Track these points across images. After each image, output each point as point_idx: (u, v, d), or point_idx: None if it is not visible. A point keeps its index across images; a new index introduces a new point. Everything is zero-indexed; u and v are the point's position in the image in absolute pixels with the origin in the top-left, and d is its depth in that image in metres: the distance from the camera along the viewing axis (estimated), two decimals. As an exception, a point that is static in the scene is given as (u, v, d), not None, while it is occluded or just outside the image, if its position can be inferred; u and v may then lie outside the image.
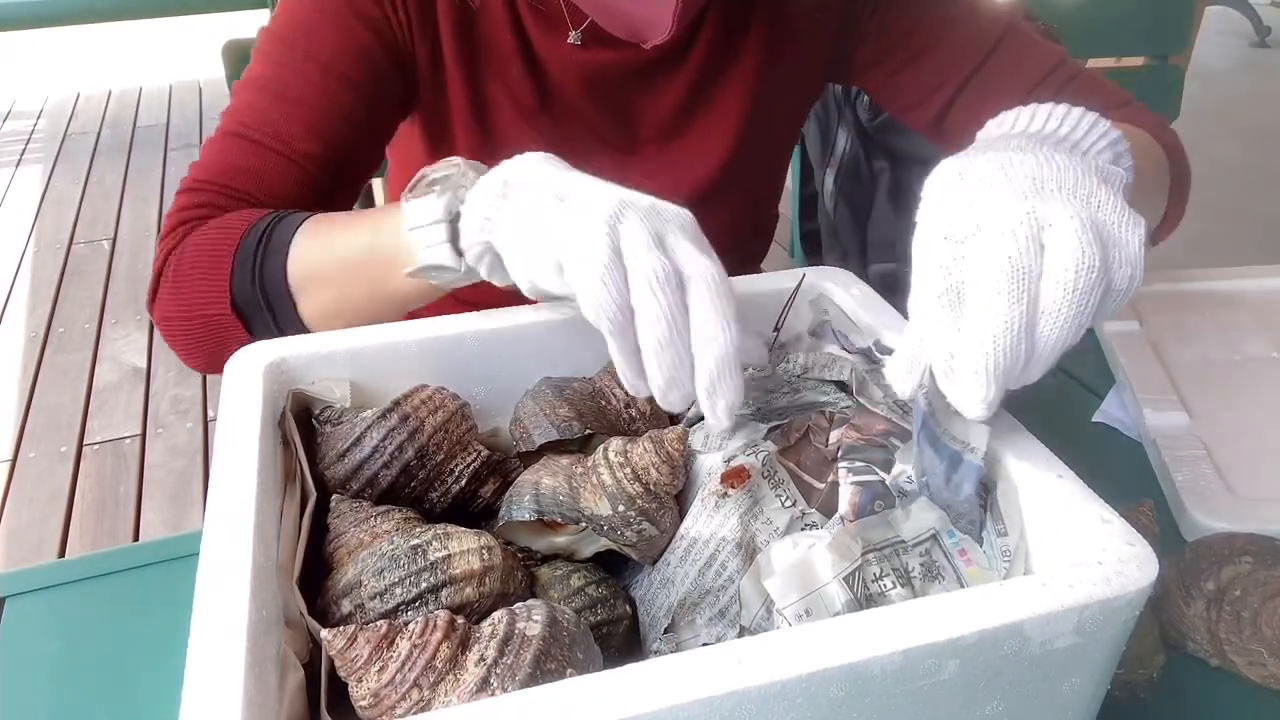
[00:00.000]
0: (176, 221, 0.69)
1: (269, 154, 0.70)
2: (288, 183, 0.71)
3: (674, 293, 0.42)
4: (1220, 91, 3.90)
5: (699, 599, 0.47)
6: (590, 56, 0.76)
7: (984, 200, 0.40)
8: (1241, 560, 0.58)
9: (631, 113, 0.80)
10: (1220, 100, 3.79)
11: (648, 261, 0.42)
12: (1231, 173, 3.21)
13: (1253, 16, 4.48)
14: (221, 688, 0.35)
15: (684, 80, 0.79)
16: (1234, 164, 3.28)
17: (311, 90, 0.71)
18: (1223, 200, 2.97)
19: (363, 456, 0.49)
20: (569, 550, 0.50)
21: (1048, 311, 0.38)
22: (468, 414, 0.52)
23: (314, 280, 0.62)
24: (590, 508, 0.47)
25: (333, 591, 0.44)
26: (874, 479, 0.48)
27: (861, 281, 0.62)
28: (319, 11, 0.72)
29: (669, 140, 0.81)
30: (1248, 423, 0.74)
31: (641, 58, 0.76)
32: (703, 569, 0.47)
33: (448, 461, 0.51)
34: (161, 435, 2.15)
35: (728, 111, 0.81)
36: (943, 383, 0.42)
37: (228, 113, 0.73)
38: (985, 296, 0.38)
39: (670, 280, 0.42)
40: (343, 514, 0.47)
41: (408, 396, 0.51)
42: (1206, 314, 0.87)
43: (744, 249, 0.92)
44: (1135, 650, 0.54)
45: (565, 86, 0.77)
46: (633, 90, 0.79)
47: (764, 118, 0.83)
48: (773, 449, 0.50)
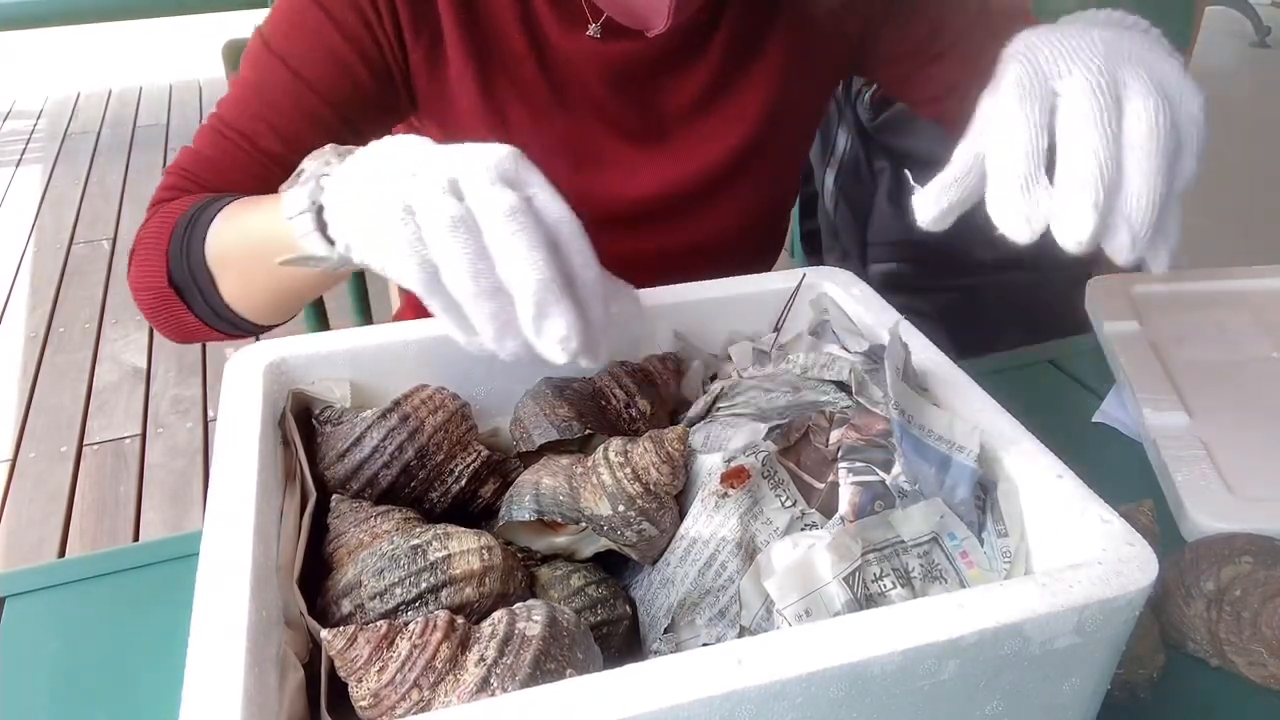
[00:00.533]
0: (152, 201, 0.73)
1: (233, 147, 0.73)
2: (247, 179, 0.72)
3: (467, 232, 0.40)
4: (1220, 91, 3.90)
5: (699, 599, 0.47)
6: (610, 48, 0.76)
7: (1068, 57, 0.42)
8: (1241, 560, 0.58)
9: (652, 101, 0.80)
10: (1220, 100, 3.78)
11: (435, 208, 0.40)
12: (1231, 173, 3.21)
13: (1253, 16, 4.48)
14: (221, 687, 0.35)
15: (707, 69, 0.79)
16: (1234, 164, 3.28)
17: (280, 94, 0.73)
18: (1223, 200, 2.97)
19: (363, 456, 0.49)
20: (569, 550, 0.50)
21: (1133, 145, 0.40)
22: (468, 414, 0.52)
23: (225, 262, 0.64)
24: (590, 508, 0.47)
25: (333, 591, 0.44)
26: (874, 479, 0.48)
27: (861, 281, 0.62)
28: (297, 16, 0.73)
29: (688, 127, 0.81)
30: (1248, 423, 0.74)
31: (663, 47, 0.76)
32: (703, 569, 0.47)
33: (448, 462, 0.51)
34: (161, 435, 2.15)
35: (749, 101, 0.81)
36: (1025, 196, 0.40)
37: (218, 104, 0.76)
38: (1079, 119, 0.40)
39: (463, 223, 0.40)
40: (343, 514, 0.47)
41: (408, 396, 0.51)
42: (1206, 314, 0.87)
43: (756, 243, 0.92)
44: (1135, 650, 0.54)
45: (585, 79, 0.77)
46: (654, 79, 0.79)
47: (785, 108, 0.83)
48: (773, 449, 0.50)
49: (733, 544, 0.47)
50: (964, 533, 0.47)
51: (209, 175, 0.73)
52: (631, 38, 0.75)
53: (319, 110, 0.73)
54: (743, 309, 0.63)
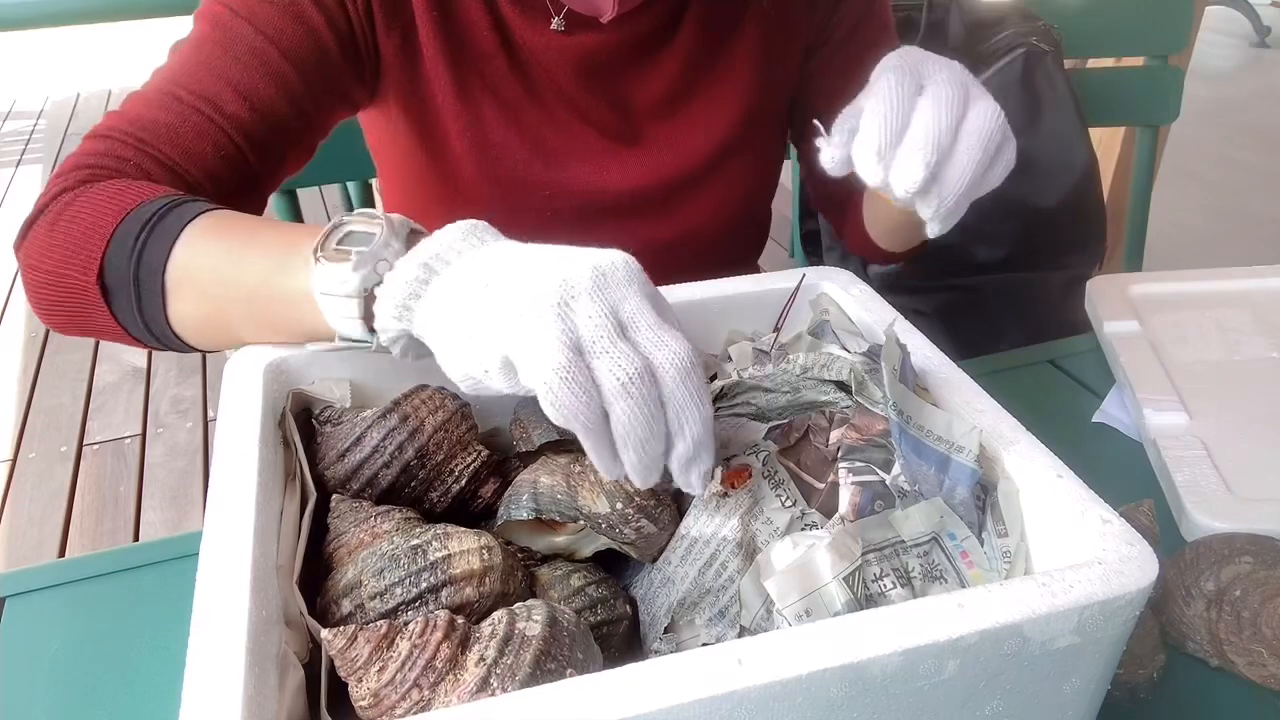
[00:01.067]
0: (74, 164, 0.63)
1: (191, 113, 0.65)
2: (205, 145, 0.65)
3: (648, 388, 0.40)
4: (1220, 91, 3.91)
5: (699, 599, 0.47)
6: (576, 42, 0.75)
7: (936, 67, 0.52)
8: (1241, 560, 0.58)
9: (624, 96, 0.80)
10: (1220, 100, 3.79)
11: (615, 360, 0.39)
12: (1232, 173, 3.21)
13: (1253, 16, 4.48)
14: (222, 687, 0.35)
15: (676, 61, 0.79)
16: (1234, 164, 3.28)
17: (249, 55, 0.67)
18: (1223, 200, 2.97)
19: (363, 456, 0.49)
20: (569, 550, 0.50)
21: (969, 132, 0.50)
22: (468, 414, 0.52)
23: (193, 286, 0.56)
24: (588, 505, 0.47)
25: (333, 591, 0.44)
26: (874, 479, 0.48)
27: (861, 281, 0.62)
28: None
29: (663, 121, 0.81)
30: (1248, 423, 0.74)
31: (629, 39, 0.76)
32: (703, 569, 0.47)
33: (448, 461, 0.51)
34: (161, 435, 2.15)
35: (724, 91, 0.81)
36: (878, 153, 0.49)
37: (158, 70, 0.68)
38: (934, 105, 0.50)
39: (642, 378, 0.40)
40: (343, 514, 0.47)
41: (408, 396, 0.51)
42: (1206, 314, 0.87)
43: (738, 237, 0.92)
44: (1135, 650, 0.54)
45: (554, 75, 0.77)
46: (624, 73, 0.79)
47: (761, 99, 0.83)
48: (773, 449, 0.50)
49: (733, 544, 0.47)
50: (964, 532, 0.47)
51: (162, 144, 0.64)
52: (595, 30, 0.75)
53: (292, 81, 0.68)
54: (743, 309, 0.63)
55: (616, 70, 0.78)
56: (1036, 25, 1.29)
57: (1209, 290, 0.91)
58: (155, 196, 0.58)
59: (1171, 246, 2.34)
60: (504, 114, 0.78)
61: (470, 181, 0.79)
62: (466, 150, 0.78)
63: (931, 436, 0.48)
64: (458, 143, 0.78)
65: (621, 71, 0.79)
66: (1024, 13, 1.30)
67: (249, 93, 0.67)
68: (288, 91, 0.69)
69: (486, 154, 0.79)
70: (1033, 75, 1.28)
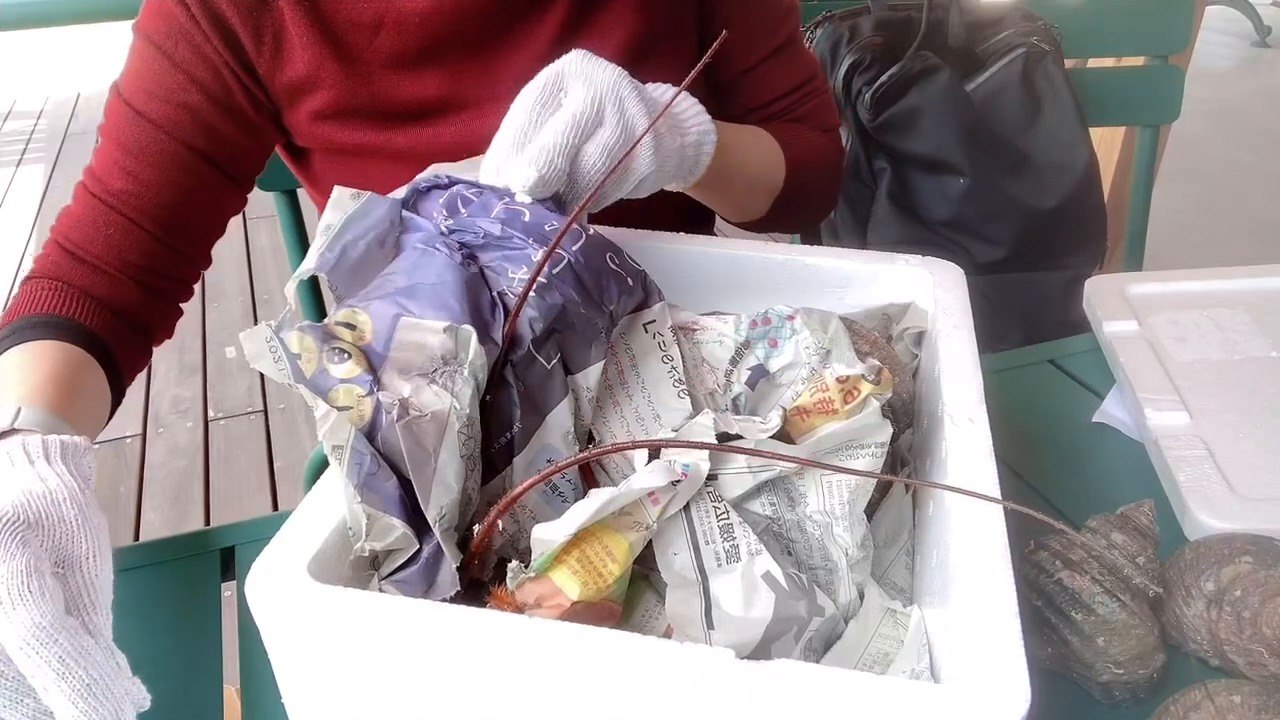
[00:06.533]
0: (30, 274, 0.72)
1: (90, 200, 0.73)
2: (113, 234, 0.72)
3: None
4: (1220, 91, 3.91)
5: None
6: (454, 1, 0.73)
7: (578, 77, 0.58)
8: (1241, 560, 0.58)
9: (513, 50, 0.78)
10: (1220, 100, 3.79)
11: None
12: (1231, 173, 3.21)
13: (1253, 16, 4.47)
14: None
15: (559, 12, 0.77)
16: (1234, 164, 3.29)
17: (130, 137, 0.73)
18: (1223, 200, 2.97)
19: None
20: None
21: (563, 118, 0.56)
22: None
23: None
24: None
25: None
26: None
27: (964, 285, 0.61)
28: (139, 60, 0.73)
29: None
30: (1248, 422, 0.74)
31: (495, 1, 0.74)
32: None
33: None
34: (161, 435, 2.15)
35: (607, 40, 0.79)
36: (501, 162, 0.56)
37: (100, 128, 0.76)
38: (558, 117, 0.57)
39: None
40: None
41: None
42: (1206, 314, 0.87)
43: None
44: (1135, 650, 0.54)
45: (440, 37, 0.75)
46: (509, 28, 0.77)
47: (648, 44, 0.81)
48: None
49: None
50: None
51: (77, 237, 0.72)
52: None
53: (177, 152, 0.73)
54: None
55: (502, 26, 0.77)
56: (1036, 25, 1.29)
57: (1208, 290, 0.91)
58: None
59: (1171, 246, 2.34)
60: (397, 83, 0.76)
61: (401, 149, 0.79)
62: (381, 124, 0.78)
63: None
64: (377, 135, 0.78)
65: (507, 28, 0.77)
66: (1024, 13, 1.30)
67: (143, 177, 0.73)
68: (188, 171, 0.74)
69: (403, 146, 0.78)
70: (1033, 75, 1.28)
